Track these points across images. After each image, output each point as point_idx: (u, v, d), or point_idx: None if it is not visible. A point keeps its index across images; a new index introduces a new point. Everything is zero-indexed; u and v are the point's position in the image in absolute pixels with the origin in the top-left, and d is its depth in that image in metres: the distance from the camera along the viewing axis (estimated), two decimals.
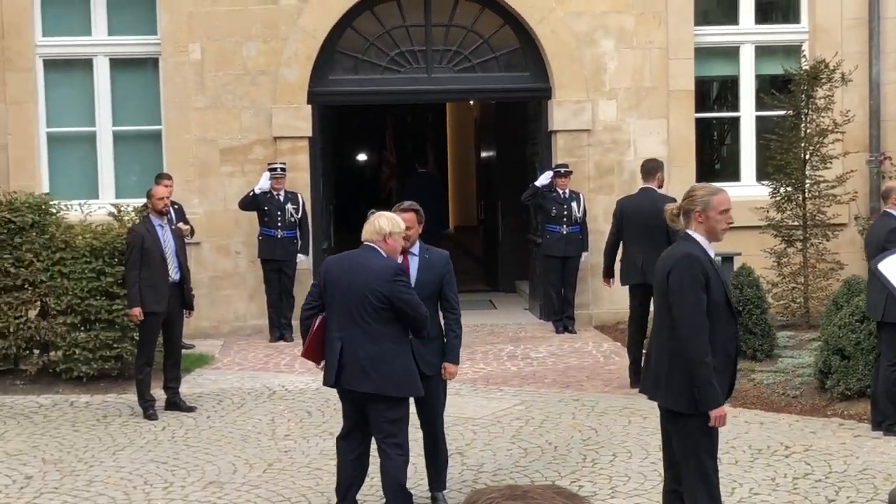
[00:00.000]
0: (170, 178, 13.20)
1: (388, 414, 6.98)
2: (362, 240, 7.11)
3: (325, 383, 7.14)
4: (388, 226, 7.02)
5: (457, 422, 9.85)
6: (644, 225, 10.66)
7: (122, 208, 11.99)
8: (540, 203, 14.26)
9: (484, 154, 20.41)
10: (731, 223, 6.09)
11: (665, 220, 6.40)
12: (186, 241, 13.33)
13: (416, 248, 7.56)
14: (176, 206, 13.36)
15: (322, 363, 7.18)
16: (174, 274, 10.56)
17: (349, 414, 7.21)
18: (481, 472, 8.42)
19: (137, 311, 10.24)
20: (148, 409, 10.33)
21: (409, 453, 7.20)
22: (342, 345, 6.94)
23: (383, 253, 7.00)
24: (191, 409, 10.49)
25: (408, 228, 7.37)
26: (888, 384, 8.97)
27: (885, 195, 9.66)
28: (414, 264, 7.54)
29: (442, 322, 7.64)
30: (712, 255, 5.99)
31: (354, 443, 7.21)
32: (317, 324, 7.11)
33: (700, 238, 6.00)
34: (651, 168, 11.27)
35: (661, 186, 11.18)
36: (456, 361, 7.66)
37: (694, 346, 5.89)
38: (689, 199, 6.08)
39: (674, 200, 8.57)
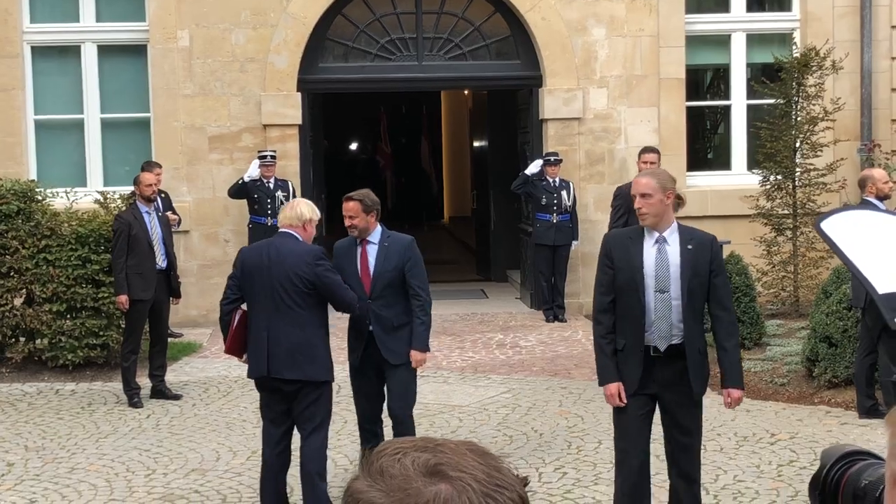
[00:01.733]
0: (159, 166, 13.15)
1: (314, 400, 6.93)
2: (279, 226, 7.10)
3: (252, 375, 7.05)
4: (308, 212, 7.03)
5: (443, 409, 9.82)
6: None
7: (109, 196, 11.94)
8: (530, 192, 14.21)
9: (476, 143, 20.36)
10: (641, 209, 6.01)
11: None
12: (174, 230, 13.30)
13: (375, 237, 7.47)
14: (163, 195, 13.30)
15: (245, 356, 7.12)
16: (161, 261, 10.52)
17: (272, 405, 7.04)
18: None
19: (124, 298, 10.19)
20: (133, 396, 10.28)
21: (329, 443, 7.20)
22: (268, 334, 6.88)
23: (300, 239, 6.99)
24: (176, 397, 10.45)
25: (351, 217, 7.32)
26: (861, 369, 8.99)
27: (861, 183, 9.63)
28: (372, 253, 7.46)
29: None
30: (649, 236, 5.99)
31: (278, 435, 7.04)
32: (237, 319, 7.08)
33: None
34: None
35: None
36: (422, 348, 7.54)
37: (594, 323, 6.21)
38: None
39: None
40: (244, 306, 7.11)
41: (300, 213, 7.02)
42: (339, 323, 9.22)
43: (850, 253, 4.31)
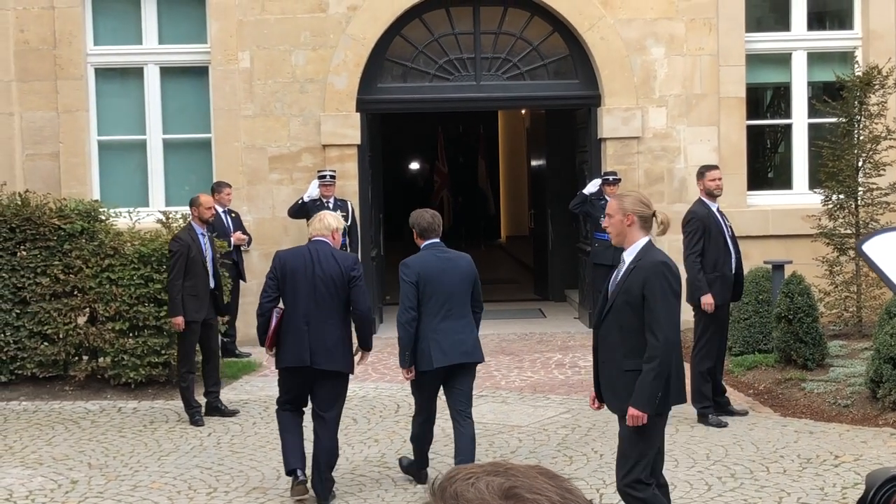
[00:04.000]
0: (229, 186, 13.33)
1: (339, 389, 8.06)
2: (312, 235, 8.12)
3: (292, 363, 7.91)
4: (334, 223, 8.14)
5: (502, 429, 9.80)
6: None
7: (171, 216, 12.06)
8: (588, 211, 14.17)
9: (534, 163, 20.35)
10: (606, 227, 6.72)
11: None
12: (243, 249, 13.45)
13: None
14: (233, 215, 13.48)
15: (273, 350, 8.10)
16: (211, 282, 10.62)
17: (297, 391, 8.07)
18: None
19: (181, 320, 10.27)
20: (194, 415, 10.36)
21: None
22: (308, 329, 7.85)
23: (331, 245, 8.09)
24: (232, 413, 10.52)
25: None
26: None
27: None
28: None
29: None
30: (626, 258, 6.42)
31: (298, 417, 8.15)
32: (277, 319, 8.00)
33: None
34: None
35: (706, 192, 10.23)
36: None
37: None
38: None
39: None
40: (281, 305, 8.03)
41: (328, 223, 8.11)
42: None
43: (892, 274, 4.25)
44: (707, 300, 9.80)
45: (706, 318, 9.95)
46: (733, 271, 10.14)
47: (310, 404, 8.14)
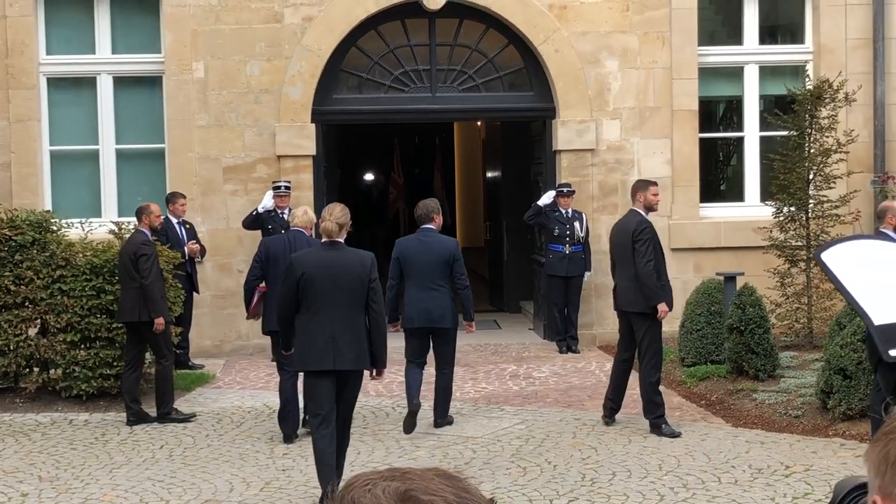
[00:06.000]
0: (184, 196, 13.32)
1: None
2: (293, 226, 10.00)
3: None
4: (314, 218, 9.61)
5: (457, 441, 9.81)
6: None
7: (123, 226, 12.00)
8: (543, 223, 14.23)
9: (490, 174, 20.41)
10: None
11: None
12: (196, 261, 13.43)
13: None
14: (188, 226, 13.43)
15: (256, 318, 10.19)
16: None
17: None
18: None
19: (163, 320, 10.61)
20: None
21: None
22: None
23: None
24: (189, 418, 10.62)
25: None
26: (877, 400, 8.85)
27: (879, 214, 9.60)
28: None
29: None
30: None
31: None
32: (258, 296, 9.91)
33: None
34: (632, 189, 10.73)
35: (646, 206, 10.26)
36: None
37: None
38: None
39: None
40: (262, 285, 9.88)
41: (311, 217, 9.95)
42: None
43: (848, 284, 4.30)
44: (664, 307, 9.88)
45: (654, 328, 10.00)
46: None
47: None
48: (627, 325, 10.17)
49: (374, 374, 8.17)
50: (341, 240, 7.95)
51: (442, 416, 10.26)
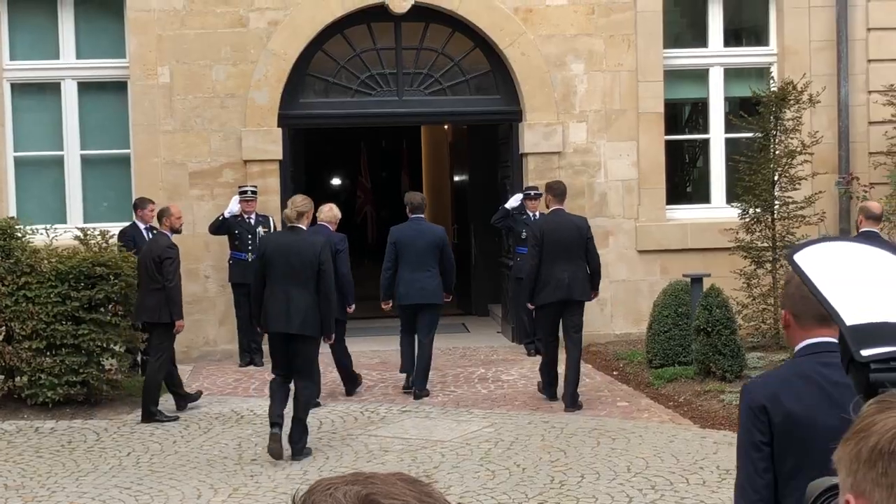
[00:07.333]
0: (152, 202, 13.20)
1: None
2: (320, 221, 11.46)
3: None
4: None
5: (425, 444, 9.81)
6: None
7: (89, 232, 11.92)
8: (510, 225, 14.24)
9: (457, 178, 20.40)
10: None
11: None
12: None
13: None
14: (154, 231, 13.33)
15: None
16: None
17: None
18: (448, 496, 8.34)
19: (183, 323, 11.19)
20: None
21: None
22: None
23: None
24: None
25: None
26: None
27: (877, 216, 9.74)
28: None
29: None
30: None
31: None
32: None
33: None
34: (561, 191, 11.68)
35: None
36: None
37: None
38: None
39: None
40: None
41: (336, 213, 11.89)
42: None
43: (820, 285, 4.32)
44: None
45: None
46: None
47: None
48: None
49: (325, 339, 9.82)
50: (302, 225, 9.62)
51: (420, 388, 11.62)
